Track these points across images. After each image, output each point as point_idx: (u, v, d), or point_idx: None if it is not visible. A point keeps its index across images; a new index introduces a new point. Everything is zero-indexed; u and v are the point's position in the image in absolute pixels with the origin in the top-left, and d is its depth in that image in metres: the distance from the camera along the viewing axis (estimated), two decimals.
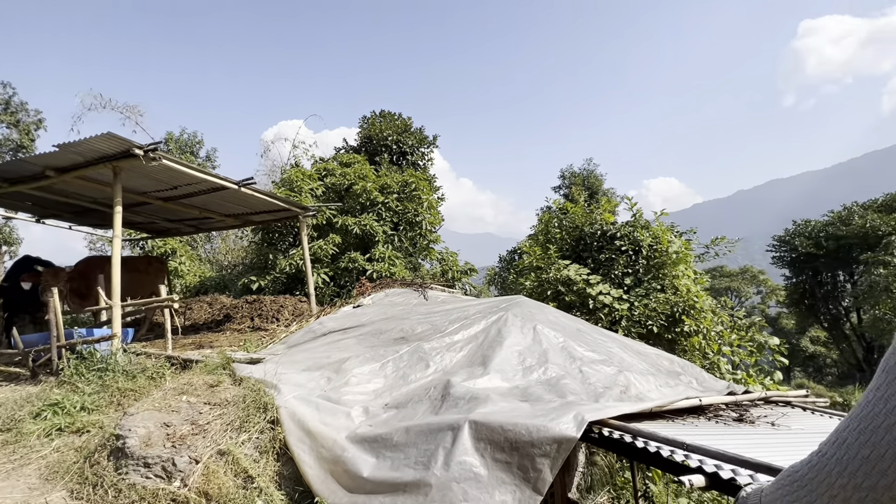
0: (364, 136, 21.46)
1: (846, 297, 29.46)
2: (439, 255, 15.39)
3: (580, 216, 11.53)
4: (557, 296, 10.17)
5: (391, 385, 4.31)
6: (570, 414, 3.12)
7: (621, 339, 5.95)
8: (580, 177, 29.43)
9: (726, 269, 54.39)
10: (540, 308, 5.83)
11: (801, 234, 31.25)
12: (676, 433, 3.46)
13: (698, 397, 4.55)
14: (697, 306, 9.28)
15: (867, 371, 27.76)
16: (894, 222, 24.83)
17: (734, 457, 2.60)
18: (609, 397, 4.22)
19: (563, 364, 4.60)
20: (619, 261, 10.00)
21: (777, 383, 9.39)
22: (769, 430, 4.24)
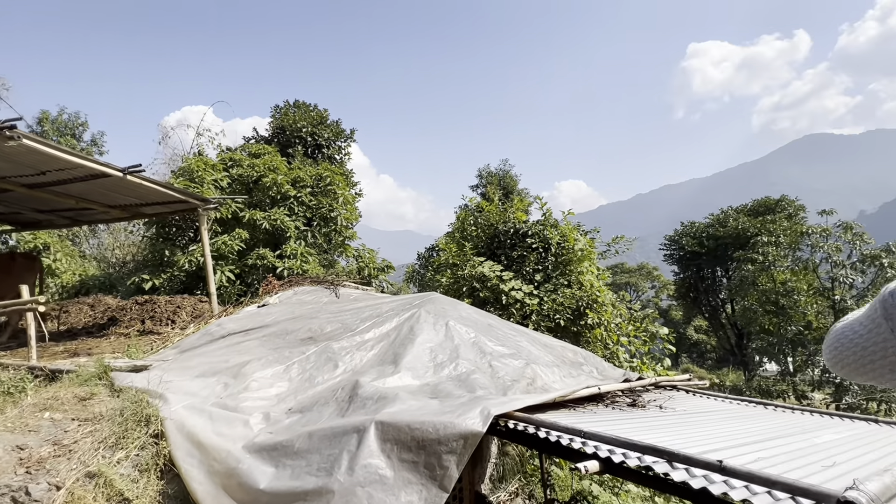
0: (276, 126, 20.34)
1: (722, 290, 33.37)
2: (356, 251, 15.03)
3: (495, 214, 11.84)
4: (473, 292, 10.37)
5: (296, 388, 4.08)
6: (476, 409, 3.14)
7: (530, 333, 6.17)
8: (496, 176, 30.34)
9: (626, 266, 59.22)
10: (453, 304, 5.87)
11: (688, 234, 34.86)
12: (576, 421, 3.63)
13: (597, 386, 4.84)
14: (600, 300, 9.94)
15: (738, 355, 31.71)
16: (760, 224, 28.55)
17: (625, 441, 2.76)
18: (517, 390, 4.34)
19: (474, 359, 4.66)
20: (531, 258, 10.41)
21: (666, 369, 10.36)
22: (658, 413, 4.62)
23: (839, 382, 16.27)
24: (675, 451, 2.54)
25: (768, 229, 25.00)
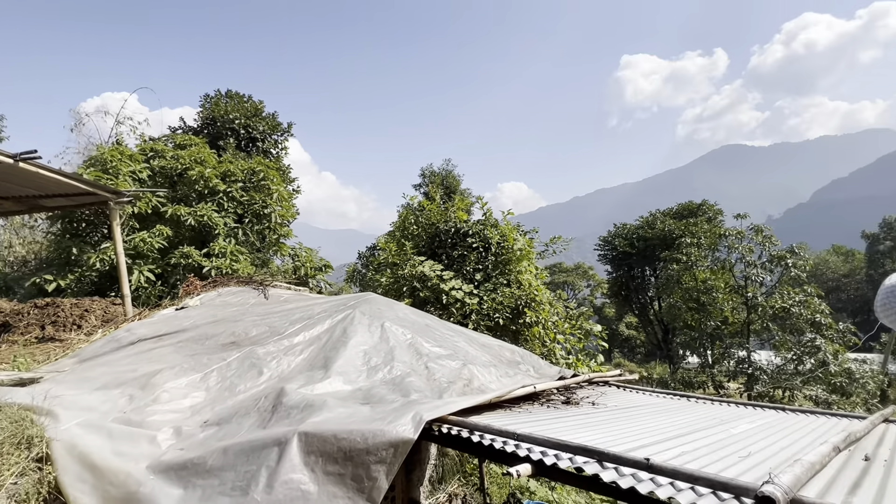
0: (206, 117, 19.12)
1: (651, 288, 35.46)
2: (292, 250, 14.40)
3: (436, 214, 11.76)
4: (413, 292, 10.22)
5: (214, 398, 3.74)
6: (408, 414, 3.00)
7: (468, 333, 6.12)
8: (439, 176, 30.37)
9: (564, 266, 61.48)
10: (389, 305, 5.69)
11: (620, 235, 36.72)
12: (511, 422, 3.58)
13: (533, 385, 4.86)
14: (538, 299, 10.13)
15: (664, 349, 33.80)
16: (684, 227, 30.58)
17: (558, 442, 2.73)
18: (453, 392, 4.24)
19: (410, 361, 4.51)
20: (471, 257, 10.43)
21: (599, 365, 10.74)
22: (591, 409, 4.71)
23: (751, 373, 17.71)
24: (605, 451, 2.53)
25: (691, 231, 26.82)
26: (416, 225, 11.85)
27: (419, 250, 11.20)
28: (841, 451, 2.89)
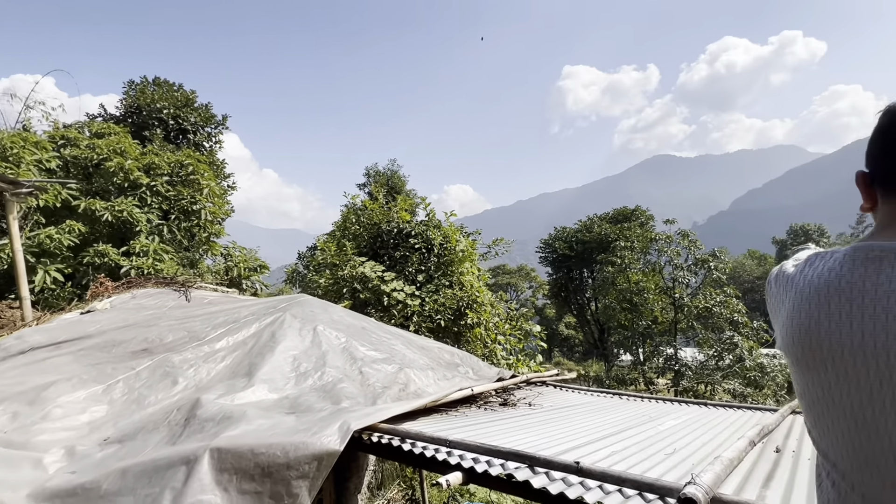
0: (130, 105, 17.69)
1: (588, 289, 36.95)
2: (224, 249, 13.59)
3: (379, 214, 11.53)
4: (353, 293, 9.93)
5: (118, 412, 3.36)
6: (335, 424, 2.82)
7: (406, 336, 5.98)
8: (384, 176, 30.00)
9: (507, 268, 62.80)
10: (324, 307, 5.44)
11: (560, 238, 38.01)
12: (445, 427, 3.49)
13: (471, 387, 4.80)
14: (479, 300, 10.17)
15: (600, 348, 35.32)
16: (619, 231, 32.12)
17: (490, 448, 2.66)
18: (387, 397, 4.09)
19: (343, 366, 4.31)
20: (413, 258, 10.29)
21: (539, 364, 10.96)
22: (527, 410, 4.72)
23: (677, 369, 18.83)
24: (536, 456, 2.49)
25: (625, 235, 28.19)
26: (358, 225, 11.55)
27: (360, 251, 10.91)
28: (755, 444, 3.04)
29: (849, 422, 0.80)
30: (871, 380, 0.76)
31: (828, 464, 0.88)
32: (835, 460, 0.85)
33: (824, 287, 0.84)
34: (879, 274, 0.78)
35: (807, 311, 0.85)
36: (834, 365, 0.81)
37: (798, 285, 0.89)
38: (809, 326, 0.84)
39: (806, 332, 0.85)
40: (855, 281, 0.80)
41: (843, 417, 0.81)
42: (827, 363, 0.82)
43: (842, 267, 0.83)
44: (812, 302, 0.85)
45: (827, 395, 0.83)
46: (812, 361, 0.84)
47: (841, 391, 0.81)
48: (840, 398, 0.81)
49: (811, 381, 0.86)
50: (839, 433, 0.83)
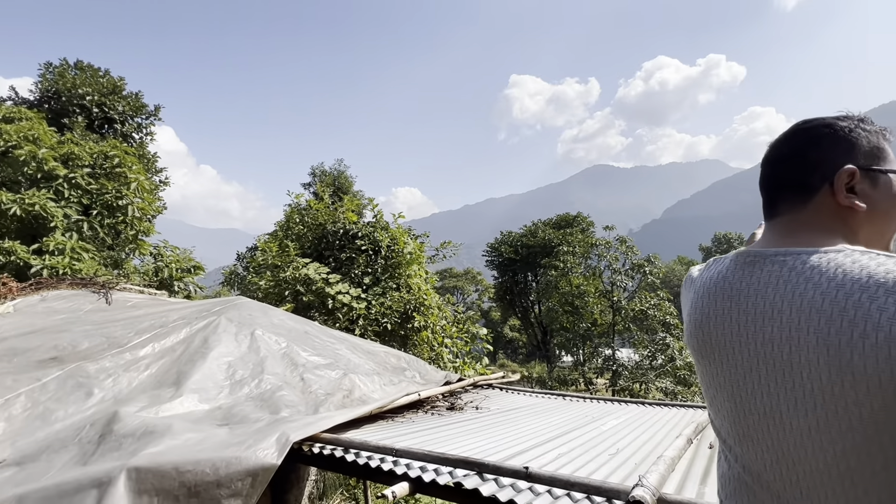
0: (48, 89, 16.14)
1: (532, 292, 37.91)
2: (154, 248, 12.65)
3: (324, 214, 11.17)
4: (296, 296, 9.54)
5: (18, 430, 2.96)
6: (273, 436, 2.63)
7: (352, 340, 5.79)
8: (331, 175, 29.28)
9: (454, 271, 63.24)
10: (263, 311, 5.14)
11: (506, 242, 38.75)
12: (391, 435, 3.37)
13: (418, 392, 4.70)
14: (427, 303, 10.09)
15: (543, 349, 36.30)
16: (561, 236, 33.20)
17: (438, 456, 2.58)
18: (331, 404, 3.91)
19: (283, 373, 4.08)
20: (360, 260, 10.05)
21: (485, 367, 11.03)
22: (474, 414, 4.68)
23: (615, 369, 19.68)
24: (485, 462, 2.44)
25: (567, 241, 29.18)
26: (303, 225, 11.13)
27: (304, 252, 10.51)
28: (692, 442, 3.16)
29: (730, 402, 0.93)
30: (745, 364, 0.90)
31: (720, 441, 1.02)
32: (724, 437, 0.99)
33: (713, 287, 0.99)
34: (752, 275, 0.93)
35: (700, 308, 1.00)
36: (719, 353, 0.95)
37: (696, 285, 1.06)
38: (702, 321, 0.99)
39: (700, 326, 0.99)
40: (735, 281, 0.95)
41: (727, 398, 0.94)
42: (714, 352, 0.96)
43: (727, 270, 0.98)
44: (705, 300, 0.99)
45: (716, 380, 0.97)
46: (705, 351, 0.98)
47: (724, 375, 0.94)
48: (724, 381, 0.94)
49: (705, 368, 1.00)
50: (725, 412, 0.96)
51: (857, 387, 0.75)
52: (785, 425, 0.84)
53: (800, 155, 0.98)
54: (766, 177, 1.05)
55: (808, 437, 0.81)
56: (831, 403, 0.78)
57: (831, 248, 0.86)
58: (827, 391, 0.78)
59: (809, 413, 0.80)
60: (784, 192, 1.00)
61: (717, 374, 0.96)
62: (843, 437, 0.77)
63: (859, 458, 0.77)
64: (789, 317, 0.83)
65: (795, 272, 0.86)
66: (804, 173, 0.97)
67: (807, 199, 0.97)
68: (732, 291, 0.94)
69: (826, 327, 0.78)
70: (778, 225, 1.00)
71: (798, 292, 0.84)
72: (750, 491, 0.93)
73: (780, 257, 0.91)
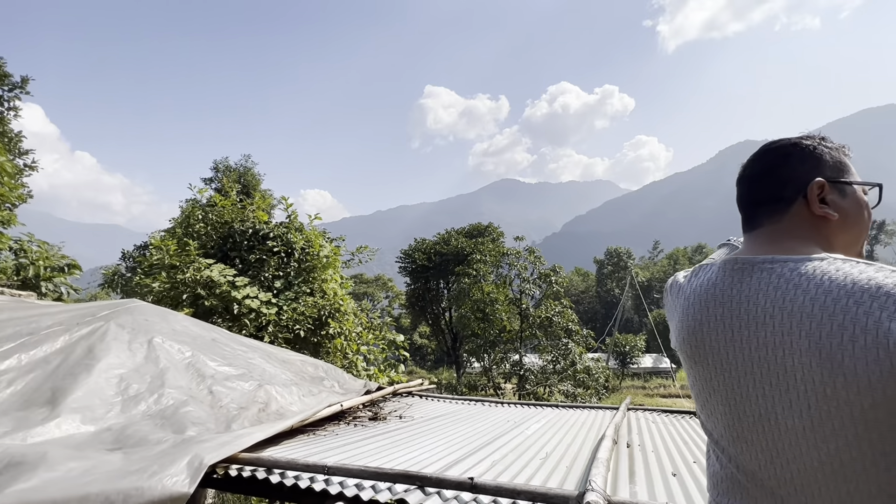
0: None
1: (444, 300, 38.38)
2: (15, 243, 10.76)
3: (231, 211, 10.30)
4: (196, 300, 8.63)
5: None
6: (182, 459, 2.28)
7: (266, 348, 5.35)
8: (236, 172, 27.29)
9: (364, 277, 62.10)
10: (163, 316, 4.55)
11: (419, 249, 38.89)
12: (318, 451, 3.12)
13: (340, 402, 4.45)
14: (342, 309, 9.70)
15: (453, 355, 36.84)
16: (474, 245, 34.10)
17: (374, 471, 2.41)
18: (245, 420, 3.54)
19: (188, 386, 3.61)
20: (271, 262, 9.40)
21: (400, 374, 10.86)
22: (399, 424, 4.53)
23: (522, 374, 20.51)
24: (427, 475, 2.33)
25: (480, 249, 30.01)
26: (205, 222, 10.15)
27: (207, 252, 9.59)
28: (616, 442, 3.32)
29: (725, 406, 0.96)
30: (739, 369, 0.93)
31: (712, 442, 1.04)
32: (717, 438, 1.01)
33: (704, 294, 1.01)
34: (742, 283, 0.96)
35: (693, 315, 1.02)
36: (713, 358, 0.97)
37: (686, 293, 1.08)
38: (695, 328, 1.01)
39: (693, 333, 1.02)
40: (726, 288, 0.98)
41: (721, 402, 0.97)
42: (709, 357, 0.98)
43: (717, 277, 1.01)
44: (697, 307, 1.02)
45: (710, 385, 0.99)
46: (698, 356, 1.00)
47: (719, 380, 0.97)
48: (719, 386, 0.97)
49: (699, 373, 1.02)
50: (719, 415, 0.98)
51: (849, 387, 0.78)
52: (780, 426, 0.87)
53: (772, 172, 1.05)
54: (742, 194, 1.11)
55: (803, 437, 0.84)
56: (824, 404, 0.81)
57: (815, 256, 0.91)
58: (820, 392, 0.81)
59: (804, 414, 0.84)
60: (761, 207, 1.06)
61: (712, 379, 0.98)
62: (835, 436, 0.81)
63: (851, 454, 0.81)
64: (781, 322, 0.87)
65: (784, 279, 0.90)
66: (778, 188, 1.04)
67: (784, 211, 1.03)
68: (725, 298, 0.97)
69: (817, 331, 0.82)
70: (760, 235, 1.05)
71: (789, 298, 0.87)
72: (743, 489, 0.95)
73: (767, 264, 0.94)
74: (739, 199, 1.12)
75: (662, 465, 3.06)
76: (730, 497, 0.99)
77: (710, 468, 1.06)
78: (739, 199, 1.12)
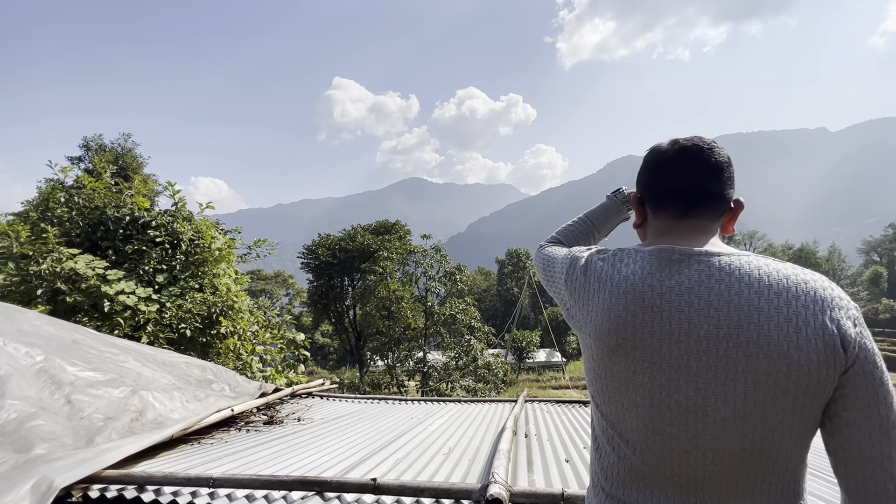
0: None
1: (348, 297, 37.46)
2: None
3: (104, 196, 9.04)
4: (55, 296, 7.43)
5: None
6: (26, 483, 1.91)
7: (142, 349, 4.76)
8: (112, 152, 24.09)
9: (263, 273, 58.56)
10: (6, 313, 3.81)
11: (324, 245, 37.53)
12: (202, 461, 2.83)
13: (230, 407, 4.10)
14: (237, 306, 8.99)
15: (356, 354, 36.09)
16: (380, 242, 33.72)
17: (267, 480, 2.23)
18: (113, 431, 3.09)
19: (38, 396, 3.07)
20: (152, 254, 8.40)
21: (300, 374, 10.35)
22: (297, 427, 4.29)
23: (425, 371, 20.70)
24: (325, 479, 2.21)
25: (386, 247, 29.75)
26: (69, 206, 8.79)
27: (71, 241, 8.30)
28: (516, 434, 3.44)
29: (646, 399, 0.94)
30: (671, 361, 0.91)
31: (613, 432, 1.01)
32: (622, 430, 0.99)
33: (638, 284, 0.96)
34: (680, 273, 0.94)
35: (624, 306, 0.96)
36: (642, 351, 0.94)
37: (613, 281, 1.00)
38: (626, 319, 0.95)
39: (623, 324, 0.96)
40: (664, 279, 0.95)
41: (642, 395, 0.94)
42: (636, 350, 0.94)
43: (650, 266, 0.97)
44: (629, 297, 0.96)
45: (631, 377, 0.96)
46: (624, 349, 0.96)
47: (645, 373, 0.94)
48: (643, 379, 0.94)
49: (620, 365, 0.97)
50: (635, 407, 0.96)
51: (790, 375, 0.84)
52: (707, 418, 0.89)
53: (724, 170, 1.04)
54: (693, 179, 1.04)
55: (731, 427, 0.87)
56: (762, 393, 0.86)
57: (738, 252, 0.96)
58: (761, 382, 0.85)
59: (738, 404, 0.87)
60: (708, 200, 1.04)
61: (636, 372, 0.95)
62: (763, 423, 0.86)
63: (773, 439, 0.87)
64: (728, 314, 0.88)
65: (725, 272, 0.92)
66: (726, 188, 1.04)
67: (721, 212, 1.06)
68: (663, 289, 0.94)
69: (766, 323, 0.86)
70: (697, 228, 1.04)
71: (734, 291, 0.89)
72: (644, 479, 0.97)
73: (703, 257, 0.95)
74: (684, 181, 1.04)
75: (557, 452, 3.23)
76: (626, 488, 0.99)
77: (604, 459, 1.05)
78: (684, 181, 1.04)
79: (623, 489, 0.99)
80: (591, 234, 1.46)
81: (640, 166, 1.16)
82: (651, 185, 1.11)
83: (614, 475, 1.01)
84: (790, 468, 0.91)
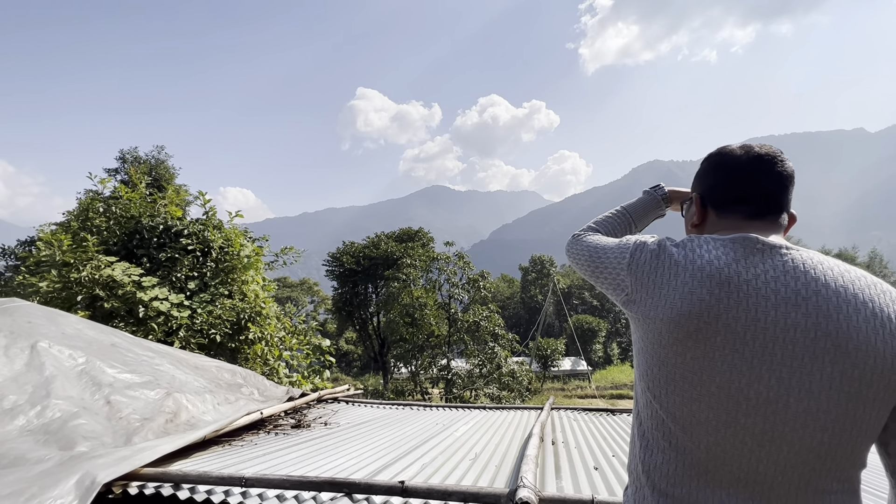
0: None
1: (372, 304, 37.76)
2: None
3: (139, 205, 9.40)
4: (94, 302, 7.74)
5: None
6: (70, 478, 2.00)
7: (176, 353, 4.90)
8: (147, 164, 25.04)
9: (289, 280, 59.61)
10: (51, 317, 4.00)
11: (348, 252, 37.99)
12: (234, 462, 2.89)
13: (259, 410, 4.18)
14: (264, 313, 9.18)
15: (380, 361, 36.27)
16: (404, 249, 33.94)
17: (298, 480, 2.27)
18: (149, 432, 3.19)
19: (80, 396, 3.20)
20: (185, 262, 8.68)
21: (325, 380, 10.47)
22: (324, 431, 4.34)
23: (449, 378, 20.65)
24: (355, 481, 2.23)
25: (409, 254, 29.93)
26: (107, 216, 9.17)
27: (108, 249, 8.65)
28: (543, 440, 3.40)
29: (723, 389, 0.90)
30: (755, 350, 0.89)
31: (674, 425, 0.96)
32: (686, 422, 0.94)
33: (724, 269, 0.95)
34: (764, 263, 0.95)
35: (708, 289, 0.93)
36: (724, 337, 0.91)
37: (695, 265, 0.98)
38: (710, 302, 0.93)
39: (706, 307, 0.93)
40: (748, 266, 0.94)
41: (719, 385, 0.91)
42: (717, 336, 0.91)
43: (735, 253, 0.97)
44: (713, 281, 0.94)
45: (705, 364, 0.92)
46: (703, 335, 0.92)
47: (725, 360, 0.91)
48: (721, 367, 0.91)
49: (692, 350, 0.93)
50: (705, 397, 0.92)
51: (875, 368, 0.84)
52: (788, 409, 0.86)
53: (793, 183, 1.11)
54: (764, 187, 1.09)
55: (812, 418, 0.86)
56: (846, 385, 0.85)
57: (809, 250, 1.00)
58: (847, 373, 0.85)
59: (822, 395, 0.85)
60: (775, 209, 1.09)
61: (714, 359, 0.91)
62: (844, 416, 0.85)
63: (851, 433, 0.86)
64: (816, 304, 0.88)
65: (809, 265, 0.93)
66: (789, 195, 1.10)
67: (782, 223, 1.10)
68: (749, 276, 0.93)
69: (854, 315, 0.87)
70: (774, 224, 1.08)
71: (821, 283, 0.90)
72: (707, 476, 0.92)
73: (782, 249, 0.97)
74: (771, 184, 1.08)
75: (585, 459, 3.18)
76: (685, 486, 0.94)
77: (656, 457, 0.99)
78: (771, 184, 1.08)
79: (681, 486, 0.94)
80: (629, 227, 1.46)
81: (702, 166, 1.19)
82: (719, 189, 1.13)
83: (671, 472, 0.96)
84: (858, 467, 0.90)
